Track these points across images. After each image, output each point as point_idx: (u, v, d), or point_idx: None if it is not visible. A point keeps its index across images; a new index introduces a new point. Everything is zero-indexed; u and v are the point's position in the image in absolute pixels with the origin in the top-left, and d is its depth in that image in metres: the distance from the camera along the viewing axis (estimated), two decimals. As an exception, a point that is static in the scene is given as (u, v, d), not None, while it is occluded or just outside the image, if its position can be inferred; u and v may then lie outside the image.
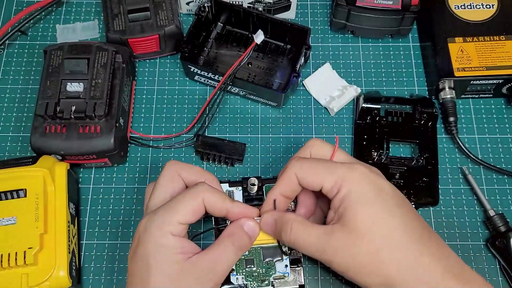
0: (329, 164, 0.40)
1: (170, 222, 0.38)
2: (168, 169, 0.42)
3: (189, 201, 0.39)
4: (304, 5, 0.61)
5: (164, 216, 0.39)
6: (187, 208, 0.39)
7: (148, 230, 0.38)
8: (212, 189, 0.41)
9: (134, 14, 0.53)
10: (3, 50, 0.58)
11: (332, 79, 0.56)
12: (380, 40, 0.59)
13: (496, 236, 0.48)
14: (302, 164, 0.40)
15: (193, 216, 0.39)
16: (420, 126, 0.52)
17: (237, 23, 0.57)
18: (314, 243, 0.39)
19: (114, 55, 0.50)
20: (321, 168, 0.40)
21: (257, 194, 0.46)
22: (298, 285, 0.43)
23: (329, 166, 0.40)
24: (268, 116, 0.55)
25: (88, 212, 0.50)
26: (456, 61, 0.53)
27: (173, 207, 0.39)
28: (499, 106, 0.55)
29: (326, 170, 0.39)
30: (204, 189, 0.40)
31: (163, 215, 0.39)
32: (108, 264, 0.48)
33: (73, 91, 0.48)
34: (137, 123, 0.55)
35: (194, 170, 0.43)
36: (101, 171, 0.52)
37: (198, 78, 0.56)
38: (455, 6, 0.55)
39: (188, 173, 0.43)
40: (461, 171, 0.52)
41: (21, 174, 0.45)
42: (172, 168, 0.43)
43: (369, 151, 0.51)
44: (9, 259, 0.42)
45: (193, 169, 0.43)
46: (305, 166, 0.40)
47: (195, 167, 0.44)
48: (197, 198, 0.40)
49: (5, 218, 0.43)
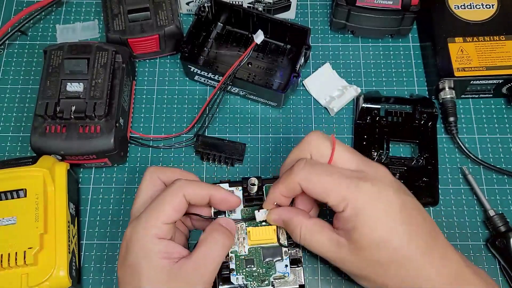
0: (335, 179, 0.39)
1: (155, 225, 0.39)
2: (149, 175, 0.43)
3: (170, 199, 0.40)
4: (304, 5, 0.61)
5: (147, 220, 0.39)
6: (169, 207, 0.40)
7: (134, 236, 0.39)
8: (190, 182, 0.41)
9: (134, 14, 0.53)
10: (3, 50, 0.58)
11: (332, 79, 0.56)
12: (380, 40, 0.59)
13: (496, 236, 0.48)
14: (307, 175, 0.39)
15: (177, 213, 0.40)
16: (420, 126, 0.52)
17: (237, 23, 0.57)
18: (324, 250, 0.40)
19: (114, 55, 0.50)
20: (327, 184, 0.39)
21: (257, 194, 0.46)
22: (298, 285, 0.43)
23: (334, 182, 0.39)
24: (268, 116, 0.55)
25: (88, 212, 0.50)
26: (456, 61, 0.53)
27: (155, 209, 0.40)
28: (499, 106, 0.55)
29: (331, 187, 0.39)
30: (181, 183, 0.41)
31: (147, 219, 0.39)
32: (108, 264, 0.48)
33: (73, 91, 0.48)
34: (137, 123, 0.55)
35: (174, 172, 0.44)
36: (101, 171, 0.52)
37: (198, 78, 0.56)
38: (455, 6, 0.55)
39: (168, 176, 0.43)
40: (461, 171, 0.52)
41: (21, 174, 0.45)
42: (152, 173, 0.43)
43: (369, 151, 0.51)
44: (9, 259, 0.42)
45: (173, 171, 0.44)
46: (310, 177, 0.39)
47: (174, 169, 0.45)
48: (178, 194, 0.40)
49: (5, 218, 0.43)
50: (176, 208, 0.40)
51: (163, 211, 0.39)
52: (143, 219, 0.39)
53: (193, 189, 0.41)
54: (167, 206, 0.40)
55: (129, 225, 0.40)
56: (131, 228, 0.39)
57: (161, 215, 0.39)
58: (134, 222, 0.40)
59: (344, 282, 0.47)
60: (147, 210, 0.40)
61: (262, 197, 0.46)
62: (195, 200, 0.41)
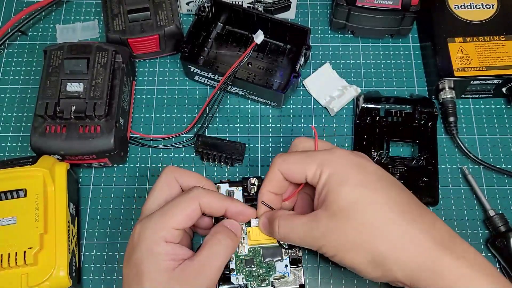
0: (309, 153, 0.41)
1: (164, 228, 0.38)
2: (166, 174, 0.43)
3: (184, 206, 0.39)
4: (304, 5, 0.61)
5: (158, 221, 0.39)
6: (182, 213, 0.39)
7: (142, 236, 0.38)
8: (208, 191, 0.41)
9: (134, 14, 0.53)
10: (3, 50, 0.58)
11: (332, 79, 0.56)
12: (380, 40, 0.59)
13: (496, 236, 0.48)
14: (284, 159, 0.41)
15: (189, 221, 0.40)
16: (420, 126, 0.52)
17: (237, 23, 0.57)
18: (302, 232, 0.39)
19: (114, 55, 0.50)
20: (302, 159, 0.41)
21: (257, 194, 0.46)
22: (298, 285, 0.43)
23: (309, 155, 0.41)
24: (268, 116, 0.55)
25: (88, 212, 0.50)
26: (456, 61, 0.53)
27: (168, 212, 0.39)
28: (499, 106, 0.55)
29: (306, 160, 0.40)
30: (199, 192, 0.40)
31: (158, 221, 0.39)
32: (108, 264, 0.48)
33: (73, 91, 0.48)
34: (137, 123, 0.55)
35: (192, 176, 0.43)
36: (101, 171, 0.52)
37: (198, 78, 0.56)
38: (455, 6, 0.55)
39: (186, 179, 0.43)
40: (461, 171, 0.52)
41: (21, 174, 0.45)
42: (170, 173, 0.43)
43: (369, 151, 0.51)
44: (9, 259, 0.42)
45: (191, 175, 0.43)
46: (287, 160, 0.41)
47: (193, 173, 0.44)
48: (193, 202, 0.40)
49: (5, 218, 0.43)
50: (189, 215, 0.39)
51: (175, 215, 0.39)
52: (153, 220, 0.39)
53: (210, 200, 0.41)
54: (180, 211, 0.39)
55: (138, 222, 0.40)
56: (140, 226, 0.39)
57: (173, 220, 0.39)
58: (145, 220, 0.39)
59: (344, 282, 0.48)
60: (160, 212, 0.39)
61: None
62: (209, 210, 0.41)
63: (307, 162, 0.40)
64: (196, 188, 0.41)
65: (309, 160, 0.40)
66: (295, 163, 0.41)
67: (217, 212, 0.42)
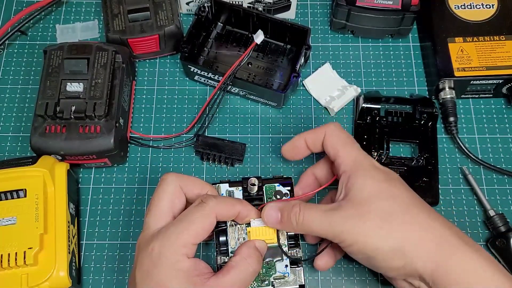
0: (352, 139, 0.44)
1: (186, 245, 0.38)
2: (170, 184, 0.41)
3: (203, 220, 0.39)
4: (304, 5, 0.61)
5: (178, 238, 0.38)
6: (201, 228, 0.39)
7: (163, 255, 0.37)
8: (220, 199, 0.41)
9: (134, 14, 0.53)
10: (3, 50, 0.58)
11: (332, 79, 0.56)
12: (380, 40, 0.59)
13: (496, 236, 0.48)
14: (334, 130, 0.44)
15: (206, 233, 0.39)
16: (420, 126, 0.52)
17: (237, 23, 0.57)
18: (324, 218, 0.40)
19: (114, 55, 0.50)
20: (345, 139, 0.44)
21: (257, 194, 0.46)
22: (298, 285, 0.43)
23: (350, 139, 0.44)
24: (268, 116, 0.55)
25: (88, 212, 0.50)
26: (456, 61, 0.53)
27: (186, 229, 0.38)
28: (499, 106, 0.55)
29: (348, 141, 0.43)
30: (213, 204, 0.40)
31: (177, 237, 0.38)
32: (108, 264, 0.48)
33: (73, 91, 0.48)
34: (137, 123, 0.55)
35: (196, 183, 0.42)
36: (101, 171, 0.52)
37: (198, 78, 0.56)
38: (455, 6, 0.55)
39: (190, 187, 0.42)
40: (461, 171, 0.52)
41: (21, 174, 0.45)
42: (173, 182, 0.41)
43: (369, 151, 0.51)
44: (9, 259, 0.42)
45: (195, 183, 0.42)
46: (335, 131, 0.44)
47: (196, 179, 0.43)
48: (211, 216, 0.39)
49: (5, 218, 0.43)
50: (206, 228, 0.39)
51: (195, 230, 0.38)
52: (173, 237, 0.38)
53: (225, 208, 0.40)
54: (200, 227, 0.39)
55: (155, 240, 0.38)
56: (160, 244, 0.38)
57: (192, 237, 0.38)
58: (162, 238, 0.38)
59: (344, 282, 0.48)
60: (177, 228, 0.38)
61: (262, 197, 0.46)
62: (224, 218, 0.41)
63: (346, 145, 0.43)
64: (209, 199, 0.40)
65: (349, 146, 0.43)
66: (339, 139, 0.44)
67: (230, 218, 0.42)
